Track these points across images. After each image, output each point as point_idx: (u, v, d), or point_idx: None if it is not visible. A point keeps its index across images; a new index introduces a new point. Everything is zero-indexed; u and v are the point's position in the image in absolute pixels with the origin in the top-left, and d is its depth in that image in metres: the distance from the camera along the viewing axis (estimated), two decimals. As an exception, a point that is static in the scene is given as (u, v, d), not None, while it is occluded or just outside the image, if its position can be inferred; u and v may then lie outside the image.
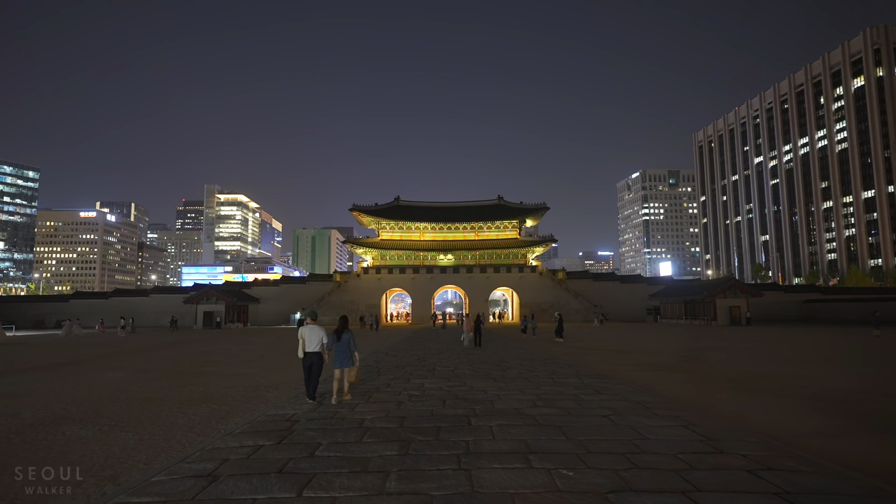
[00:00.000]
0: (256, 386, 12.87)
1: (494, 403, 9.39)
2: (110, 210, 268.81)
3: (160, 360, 20.47)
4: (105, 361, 19.89)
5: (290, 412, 8.89)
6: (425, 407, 9.16)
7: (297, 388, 12.47)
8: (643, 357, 19.82)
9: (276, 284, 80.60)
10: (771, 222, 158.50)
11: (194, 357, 21.50)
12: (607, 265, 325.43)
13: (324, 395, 10.60)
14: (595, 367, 16.08)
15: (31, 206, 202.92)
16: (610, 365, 16.87)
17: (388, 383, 12.29)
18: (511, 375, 13.53)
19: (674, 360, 18.80)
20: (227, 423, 8.51)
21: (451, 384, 12.01)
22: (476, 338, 24.33)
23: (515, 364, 16.28)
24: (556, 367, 15.46)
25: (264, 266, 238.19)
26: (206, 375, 15.07)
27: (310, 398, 9.95)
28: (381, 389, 11.34)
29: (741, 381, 12.88)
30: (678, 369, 15.71)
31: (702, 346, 25.13)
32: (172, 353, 23.61)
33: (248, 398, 11.02)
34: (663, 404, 9.21)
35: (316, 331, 9.95)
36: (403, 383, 12.31)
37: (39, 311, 76.04)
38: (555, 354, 20.14)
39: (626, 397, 9.94)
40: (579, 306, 70.67)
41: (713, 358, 19.30)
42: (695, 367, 16.36)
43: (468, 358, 18.62)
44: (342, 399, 9.94)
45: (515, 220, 79.33)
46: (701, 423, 7.56)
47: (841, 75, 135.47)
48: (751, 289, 58.63)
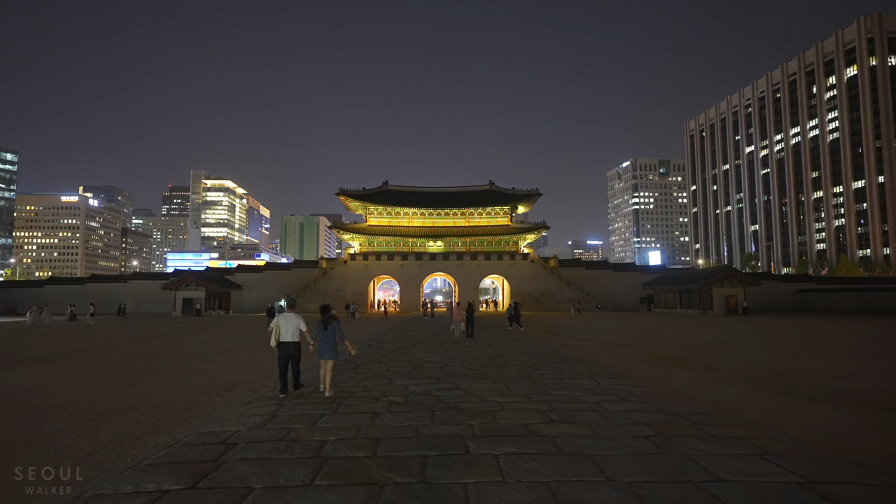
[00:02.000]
0: (208, 387, 10.74)
1: (497, 416, 7.35)
2: (94, 195, 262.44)
3: (113, 351, 18.24)
4: (49, 353, 17.63)
5: (230, 429, 6.79)
6: (408, 422, 7.09)
7: (255, 388, 10.38)
8: (650, 350, 17.94)
9: (259, 271, 78.06)
10: (761, 212, 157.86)
11: (154, 349, 19.28)
12: (596, 254, 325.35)
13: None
14: (603, 362, 14.14)
15: (9, 189, 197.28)
16: (619, 360, 14.94)
17: (366, 385, 10.20)
18: (511, 374, 11.51)
19: (685, 353, 16.93)
20: (142, 445, 6.41)
21: (440, 387, 9.96)
22: (468, 328, 22.31)
23: (514, 359, 14.28)
24: (561, 363, 13.48)
25: (251, 253, 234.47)
26: (155, 373, 12.89)
27: (282, 392, 9.15)
28: (356, 394, 9.27)
29: (781, 383, 10.98)
30: (697, 366, 13.82)
31: (708, 338, 23.33)
32: (132, 344, 21.35)
33: (190, 405, 8.89)
34: (710, 417, 7.24)
35: (293, 319, 9.38)
36: (384, 385, 10.25)
37: (12, 297, 73.07)
38: (555, 348, 18.18)
39: (658, 405, 7.96)
40: (572, 295, 68.99)
41: (728, 351, 17.45)
42: (714, 362, 14.47)
43: (460, 351, 16.60)
44: (325, 394, 9.11)
45: (507, 207, 77.20)
46: (781, 452, 5.57)
47: (834, 64, 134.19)
48: (748, 278, 57.19)
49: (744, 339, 22.73)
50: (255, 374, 12.43)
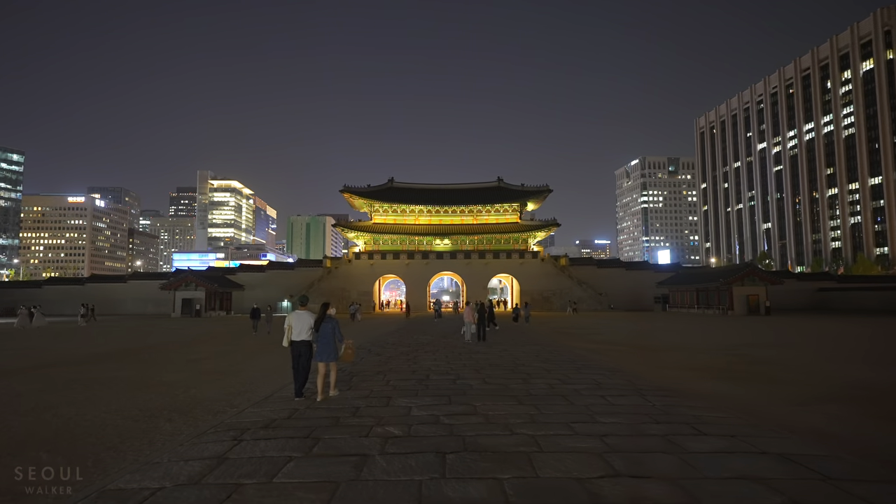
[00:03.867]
0: (162, 408, 8.62)
1: (535, 463, 5.16)
2: (101, 196, 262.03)
3: (78, 358, 16.20)
4: (11, 361, 15.63)
5: (150, 485, 4.65)
6: (408, 474, 4.91)
7: (219, 411, 8.26)
8: (686, 357, 15.70)
9: (262, 270, 76.21)
10: (774, 210, 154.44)
11: (124, 354, 17.23)
12: (604, 253, 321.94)
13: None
14: (642, 372, 11.94)
15: (15, 190, 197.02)
16: (658, 370, 12.73)
17: (357, 407, 8.03)
18: (540, 390, 9.31)
19: (728, 360, 14.68)
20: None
21: (452, 410, 7.79)
22: (480, 331, 20.10)
23: (538, 369, 12.07)
24: (594, 373, 11.27)
25: (257, 253, 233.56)
26: (108, 386, 10.80)
27: (297, 395, 8.82)
28: (343, 421, 7.11)
29: (882, 401, 8.75)
30: (753, 377, 11.59)
31: (743, 341, 21.03)
32: (102, 349, 19.31)
33: (123, 437, 6.77)
34: (846, 466, 5.05)
35: (305, 318, 8.93)
36: (380, 407, 8.08)
37: (12, 298, 71.50)
38: (579, 353, 15.98)
39: (752, 443, 5.75)
40: (583, 294, 66.61)
41: (779, 358, 15.17)
42: (771, 372, 12.23)
43: (472, 359, 14.40)
44: (328, 395, 8.89)
45: (516, 204, 74.82)
46: None
47: (849, 58, 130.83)
48: (770, 276, 54.64)
49: (788, 343, 20.42)
50: (228, 390, 10.32)
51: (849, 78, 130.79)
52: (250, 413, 7.74)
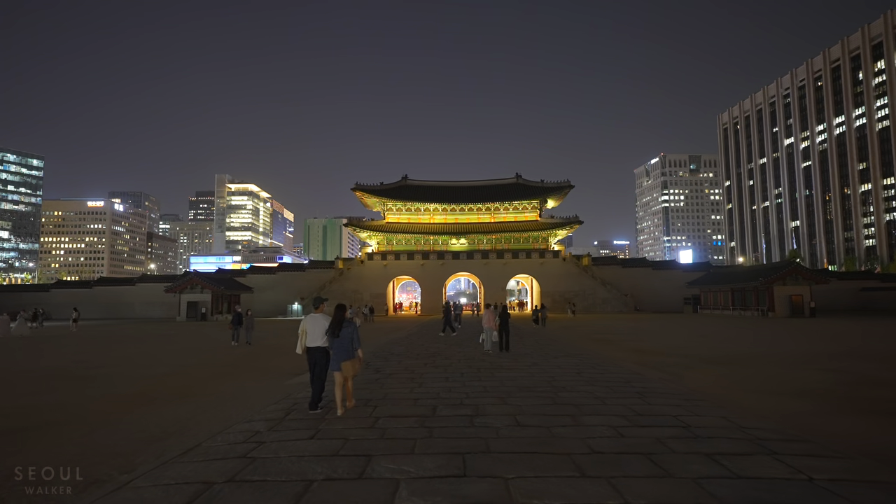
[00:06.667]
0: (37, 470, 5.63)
1: None
2: (122, 200, 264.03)
3: (24, 374, 13.38)
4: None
5: None
6: None
7: (100, 480, 5.23)
8: (779, 374, 12.24)
9: (272, 272, 73.81)
10: (802, 207, 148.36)
11: (85, 368, 14.38)
12: (623, 254, 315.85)
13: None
14: (737, 400, 8.67)
15: (35, 194, 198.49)
16: (755, 396, 9.39)
17: (333, 469, 4.96)
18: (603, 442, 6.07)
19: (835, 379, 11.28)
20: None
21: (467, 492, 4.64)
22: (502, 339, 16.89)
23: (586, 396, 8.83)
24: (669, 404, 8.00)
25: (273, 255, 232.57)
26: (17, 427, 7.90)
27: (311, 408, 8.00)
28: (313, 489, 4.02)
29: None
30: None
31: (823, 351, 17.52)
32: (66, 360, 16.52)
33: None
34: None
35: (321, 322, 8.23)
36: (351, 480, 4.98)
37: (20, 302, 70.02)
38: (630, 368, 12.69)
39: None
40: (607, 295, 62.92)
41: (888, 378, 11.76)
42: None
43: (495, 378, 11.19)
44: (347, 408, 7.97)
45: (535, 201, 71.29)
46: None
47: (882, 47, 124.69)
48: (815, 275, 50.52)
49: (880, 353, 16.86)
50: (149, 432, 7.28)
51: (882, 68, 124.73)
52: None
